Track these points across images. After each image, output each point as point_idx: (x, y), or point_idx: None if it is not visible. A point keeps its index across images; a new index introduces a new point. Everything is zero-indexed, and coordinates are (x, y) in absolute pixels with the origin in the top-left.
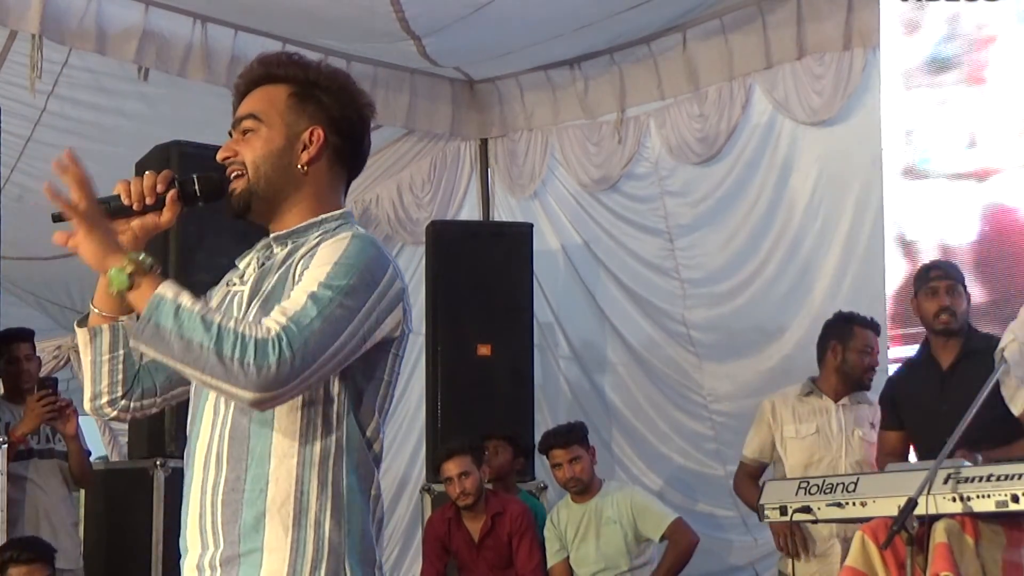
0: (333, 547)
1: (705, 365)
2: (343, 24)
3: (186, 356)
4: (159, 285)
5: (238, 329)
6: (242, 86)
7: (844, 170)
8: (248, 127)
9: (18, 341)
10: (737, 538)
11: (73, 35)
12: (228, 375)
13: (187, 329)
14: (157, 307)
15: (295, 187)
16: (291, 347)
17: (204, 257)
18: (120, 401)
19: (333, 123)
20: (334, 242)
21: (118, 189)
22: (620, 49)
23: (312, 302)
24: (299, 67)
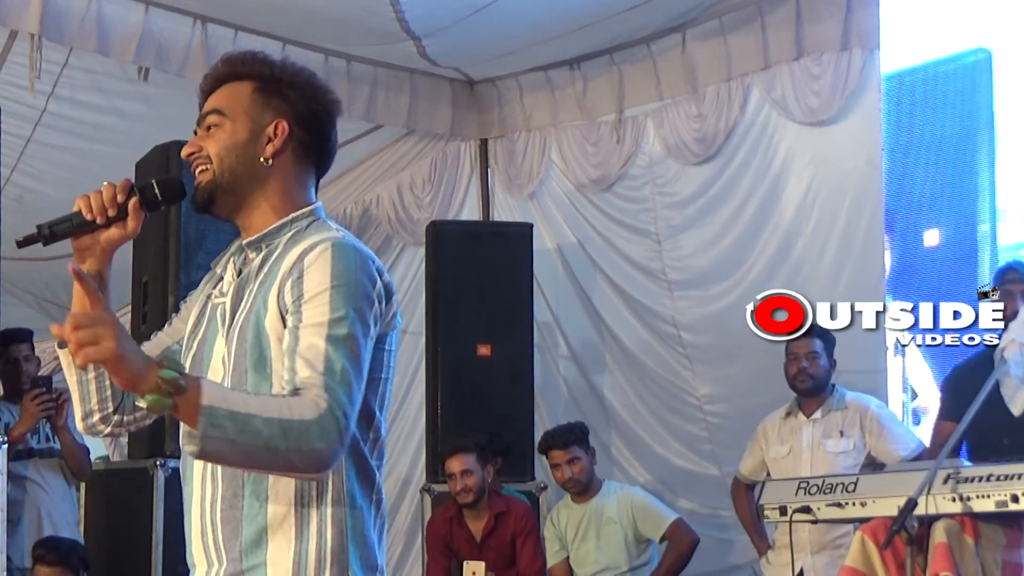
0: (336, 555)
1: (696, 367)
2: (343, 25)
3: (255, 461)
4: (200, 394)
5: (296, 417)
6: (207, 85)
7: (840, 171)
8: (213, 122)
9: (16, 342)
10: (735, 537)
11: (73, 35)
12: (304, 465)
13: (249, 434)
14: (213, 421)
15: (260, 181)
16: (341, 407)
17: (204, 257)
18: (112, 416)
19: (298, 117)
20: (318, 260)
21: (78, 205)
22: (619, 49)
23: (333, 347)
24: (263, 64)
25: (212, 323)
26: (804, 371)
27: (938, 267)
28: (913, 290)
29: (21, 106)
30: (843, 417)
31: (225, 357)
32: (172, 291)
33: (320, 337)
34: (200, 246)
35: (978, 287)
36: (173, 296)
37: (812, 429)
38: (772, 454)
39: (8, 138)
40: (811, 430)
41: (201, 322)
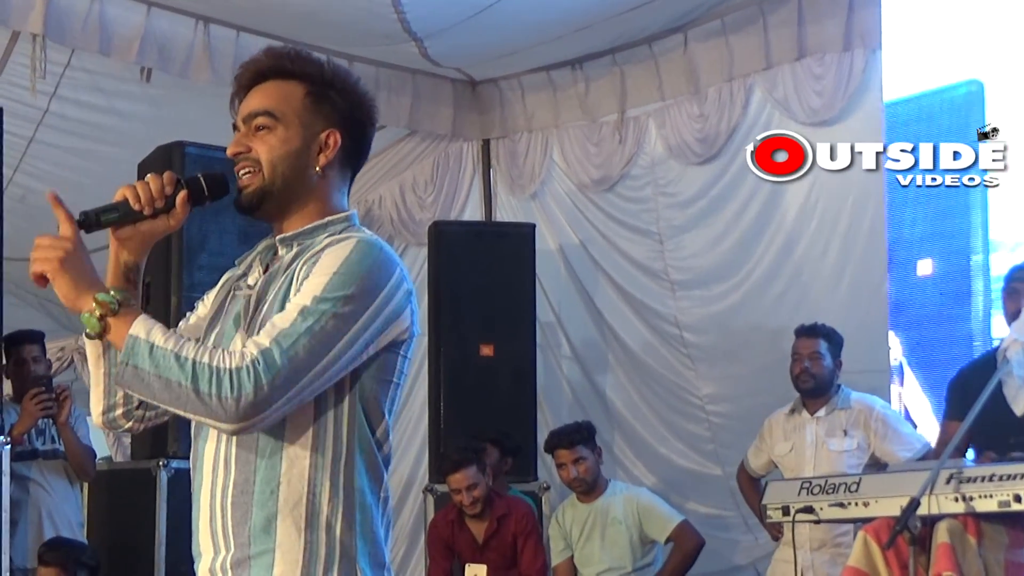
0: (345, 549)
1: (699, 367)
2: (345, 25)
3: (166, 395)
4: (132, 324)
5: (212, 363)
6: (248, 77)
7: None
8: (263, 124)
9: (26, 343)
10: (739, 537)
11: (76, 36)
12: (208, 410)
13: (163, 368)
14: (132, 349)
15: (308, 189)
16: (269, 371)
17: (207, 258)
18: (135, 411)
19: (346, 125)
20: (338, 248)
21: (122, 194)
22: (621, 50)
23: (302, 318)
24: (313, 64)
25: (234, 316)
26: (807, 371)
27: (932, 296)
28: (908, 319)
29: (24, 106)
30: (847, 416)
31: None
32: (175, 292)
33: (296, 309)
34: (202, 247)
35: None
36: (176, 296)
37: (815, 427)
38: (777, 451)
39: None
40: (814, 428)
41: (220, 314)
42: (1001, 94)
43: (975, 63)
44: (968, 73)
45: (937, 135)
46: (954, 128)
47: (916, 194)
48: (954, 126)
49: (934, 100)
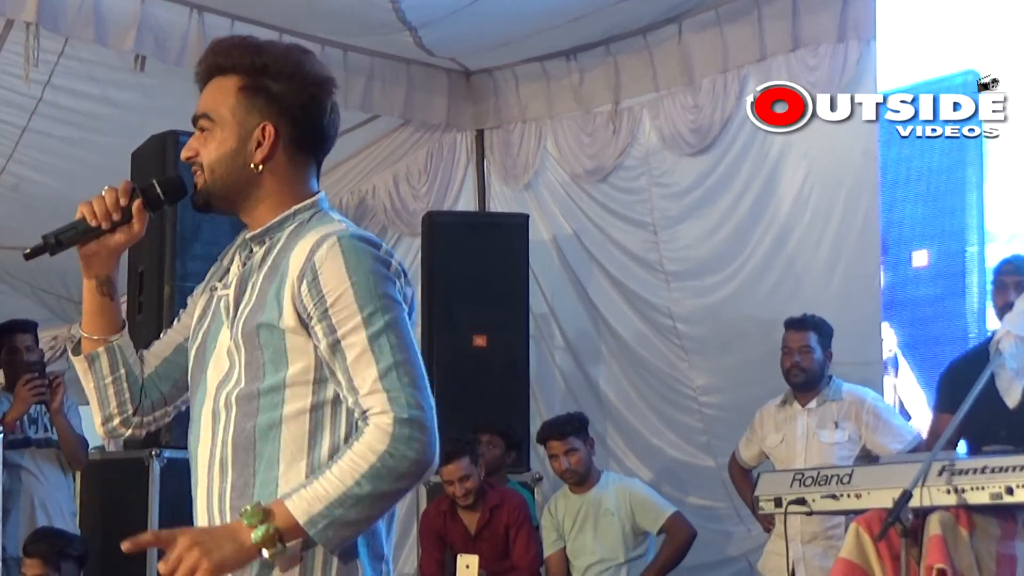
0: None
1: (692, 358)
2: (339, 15)
3: (379, 511)
4: (289, 515)
5: (369, 459)
6: (200, 74)
7: (836, 163)
8: (203, 126)
9: (19, 332)
10: (731, 529)
11: (70, 24)
12: (408, 485)
13: (353, 508)
14: (316, 526)
15: (254, 185)
16: (404, 407)
17: (200, 247)
18: (132, 418)
19: (286, 113)
20: (328, 258)
21: (81, 212)
22: (616, 40)
23: (379, 349)
24: (247, 53)
25: (216, 315)
26: (797, 365)
27: (927, 288)
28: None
29: (17, 95)
30: (838, 408)
31: (232, 349)
32: (168, 280)
33: (361, 342)
34: (196, 236)
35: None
36: (169, 286)
37: (807, 419)
38: (768, 443)
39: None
40: (805, 419)
41: (206, 314)
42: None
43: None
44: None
45: None
46: None
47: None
48: None
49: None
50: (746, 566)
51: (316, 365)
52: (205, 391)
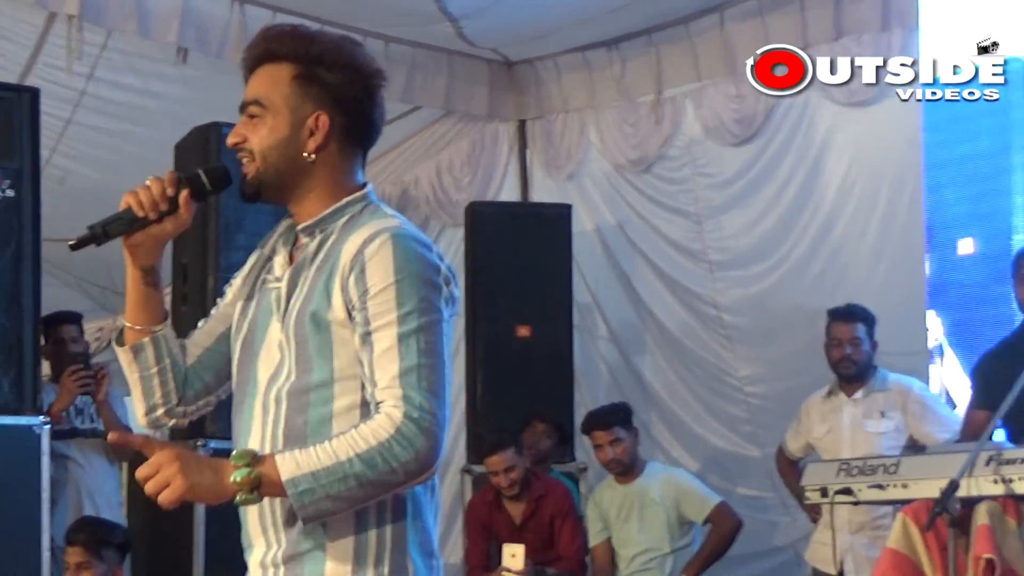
0: (396, 540)
1: (737, 348)
2: (380, 6)
3: (362, 496)
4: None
5: (373, 442)
6: (249, 61)
7: (880, 151)
8: (254, 112)
9: (65, 323)
10: (777, 519)
11: (113, 17)
12: (401, 479)
13: (338, 484)
14: (297, 492)
15: (305, 174)
16: (418, 408)
17: (244, 238)
18: (176, 409)
19: (339, 103)
20: (378, 252)
21: (126, 202)
22: (657, 30)
23: (406, 348)
24: (301, 42)
25: (265, 307)
26: (848, 358)
27: (973, 276)
28: (948, 298)
29: (60, 87)
30: (885, 398)
31: (283, 343)
32: (212, 272)
33: (391, 337)
34: (239, 227)
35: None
36: (213, 277)
37: (853, 409)
38: (814, 434)
39: (48, 120)
40: (852, 410)
41: (250, 305)
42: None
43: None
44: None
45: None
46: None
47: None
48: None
49: None
50: (793, 556)
51: None
52: (256, 384)
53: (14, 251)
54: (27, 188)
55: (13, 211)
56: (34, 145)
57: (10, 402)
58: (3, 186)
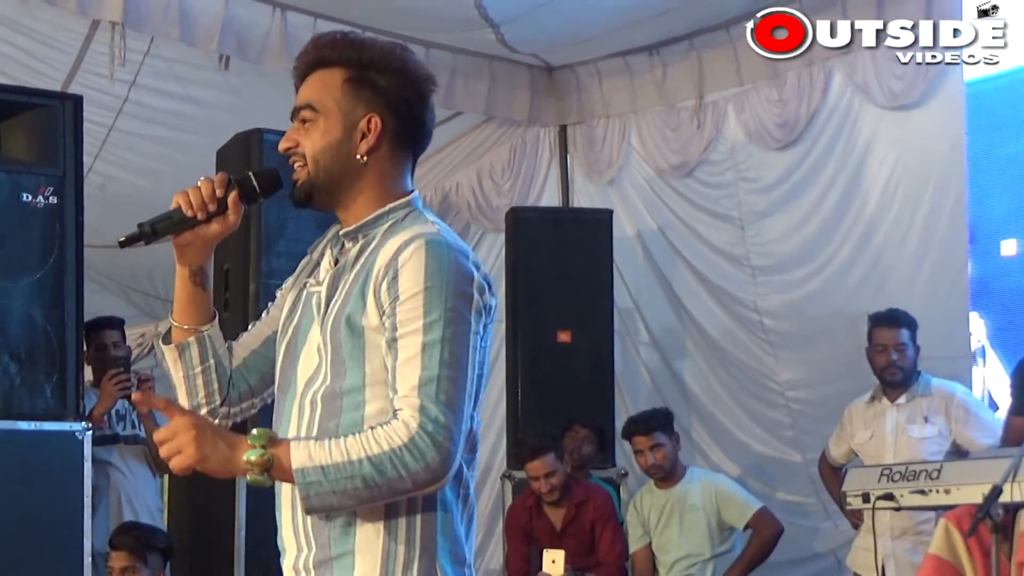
0: (425, 546)
1: (779, 353)
2: (421, 12)
3: (367, 497)
4: (290, 459)
5: (385, 448)
6: (300, 69)
7: (923, 156)
8: (306, 117)
9: (107, 328)
10: (819, 524)
11: (155, 24)
12: (408, 487)
13: (346, 482)
14: (305, 482)
15: (356, 176)
16: (437, 425)
17: (285, 244)
18: (219, 409)
19: (391, 107)
20: (411, 258)
21: (177, 202)
22: (699, 35)
23: (428, 357)
24: (353, 48)
25: (308, 311)
26: (894, 364)
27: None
28: (991, 300)
29: (103, 94)
30: (928, 403)
31: (321, 346)
32: (253, 278)
33: (415, 346)
34: (281, 233)
35: None
36: (254, 283)
37: (896, 414)
38: (857, 439)
39: (90, 127)
40: (895, 415)
41: (296, 309)
42: None
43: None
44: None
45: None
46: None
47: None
48: None
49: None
50: (834, 562)
51: None
52: (295, 387)
53: (56, 257)
54: (69, 195)
55: (56, 218)
56: (77, 152)
57: (53, 408)
58: (46, 193)
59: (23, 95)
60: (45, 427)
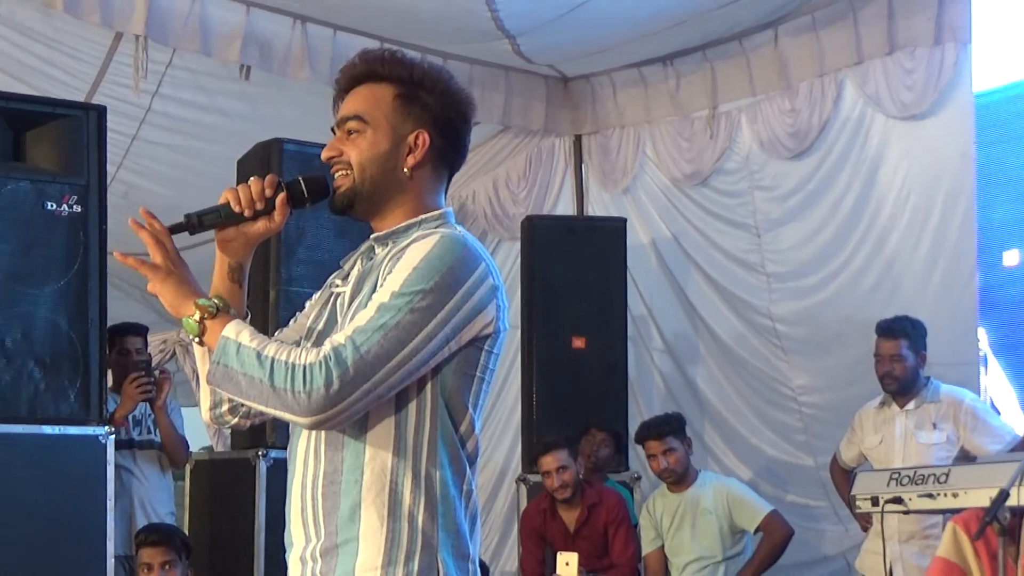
0: (427, 539)
1: (792, 358)
2: (439, 24)
3: (250, 392)
4: (224, 326)
5: (288, 359)
6: (344, 82)
7: (934, 165)
8: (353, 127)
9: (130, 335)
10: (828, 528)
11: (177, 36)
12: (283, 404)
13: (247, 366)
14: (223, 348)
15: (399, 189)
16: (339, 366)
17: (304, 252)
18: (240, 408)
19: (437, 124)
20: (422, 243)
21: (226, 197)
22: (712, 46)
23: (379, 314)
24: (403, 66)
25: (332, 313)
26: (889, 374)
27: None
28: (994, 309)
29: (127, 104)
30: (936, 409)
31: None
32: (273, 285)
33: (375, 305)
34: (300, 242)
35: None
36: (274, 290)
37: (905, 420)
38: (867, 444)
39: (114, 136)
40: (904, 421)
41: (323, 311)
42: None
43: None
44: None
45: None
46: None
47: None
48: None
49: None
50: (844, 565)
51: None
52: None
53: (80, 265)
54: (93, 203)
55: (80, 226)
56: (100, 162)
57: (76, 412)
58: (70, 202)
59: (48, 106)
60: (69, 431)
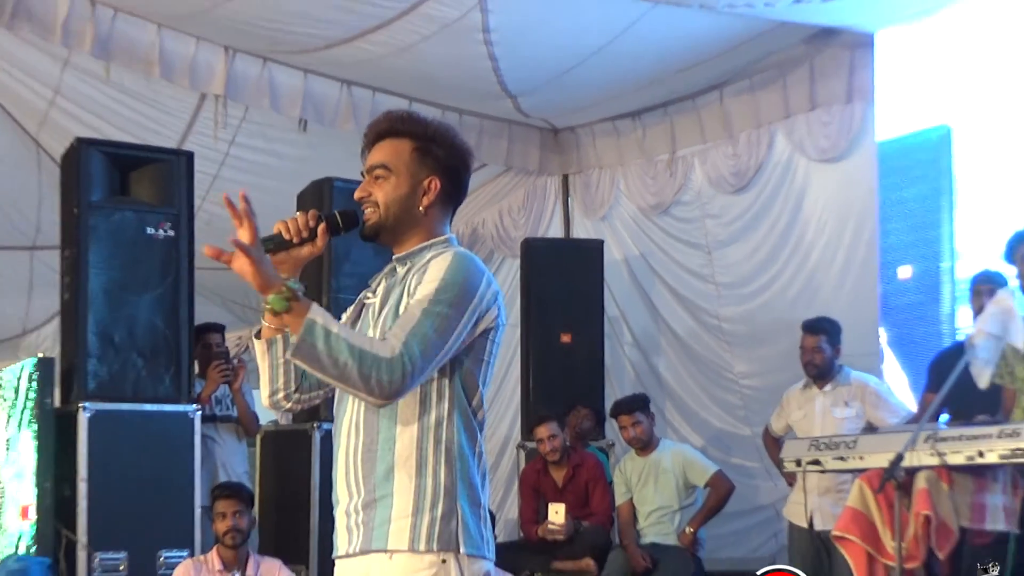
0: (447, 490)
1: (734, 350)
2: (456, 87)
3: (334, 371)
4: (310, 310)
5: (374, 351)
6: (371, 136)
7: (846, 198)
8: (380, 174)
9: (212, 332)
10: (762, 484)
11: (249, 95)
12: (367, 388)
13: (335, 350)
14: (311, 330)
15: (415, 222)
16: (412, 361)
17: (349, 267)
18: (293, 395)
19: (446, 172)
20: (440, 260)
21: (278, 228)
22: (671, 104)
23: (425, 316)
24: (419, 124)
25: (365, 320)
26: (810, 363)
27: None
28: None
29: (209, 150)
30: (848, 391)
31: None
32: (325, 293)
33: (419, 308)
34: (347, 258)
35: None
36: (326, 297)
37: (823, 399)
38: (792, 418)
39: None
40: (822, 399)
41: (357, 319)
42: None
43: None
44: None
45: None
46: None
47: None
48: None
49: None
50: (773, 513)
51: None
52: None
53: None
54: (183, 229)
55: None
56: (189, 196)
57: (171, 393)
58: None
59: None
60: (164, 408)
